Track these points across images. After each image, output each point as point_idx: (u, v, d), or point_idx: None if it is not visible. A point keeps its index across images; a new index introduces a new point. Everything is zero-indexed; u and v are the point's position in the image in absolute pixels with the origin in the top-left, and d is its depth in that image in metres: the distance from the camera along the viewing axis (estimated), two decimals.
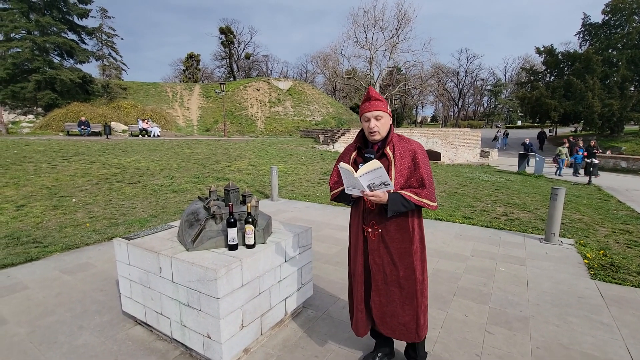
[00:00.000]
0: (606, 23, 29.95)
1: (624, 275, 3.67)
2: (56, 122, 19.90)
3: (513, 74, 65.18)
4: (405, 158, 1.88)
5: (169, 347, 2.41)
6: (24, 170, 8.14)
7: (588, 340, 2.51)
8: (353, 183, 1.75)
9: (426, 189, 1.83)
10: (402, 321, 1.97)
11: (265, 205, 6.77)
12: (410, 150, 1.90)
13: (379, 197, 1.74)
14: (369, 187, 1.73)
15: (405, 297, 1.95)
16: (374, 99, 1.86)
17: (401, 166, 1.87)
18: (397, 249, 1.92)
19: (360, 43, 43.28)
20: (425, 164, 1.88)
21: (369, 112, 1.86)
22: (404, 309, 1.96)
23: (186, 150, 13.09)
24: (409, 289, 1.94)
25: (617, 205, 8.31)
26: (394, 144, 1.91)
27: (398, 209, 1.79)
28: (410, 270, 1.92)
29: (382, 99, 1.88)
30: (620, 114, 26.59)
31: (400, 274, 1.93)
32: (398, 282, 1.95)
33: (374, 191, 1.74)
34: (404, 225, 1.90)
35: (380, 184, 1.71)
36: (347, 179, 1.77)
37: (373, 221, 1.94)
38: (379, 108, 1.85)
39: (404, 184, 1.86)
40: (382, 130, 1.88)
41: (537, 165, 14.32)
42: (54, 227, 5.17)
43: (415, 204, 1.81)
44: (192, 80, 48.24)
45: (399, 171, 1.87)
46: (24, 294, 3.17)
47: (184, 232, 2.38)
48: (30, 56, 22.71)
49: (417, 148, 1.91)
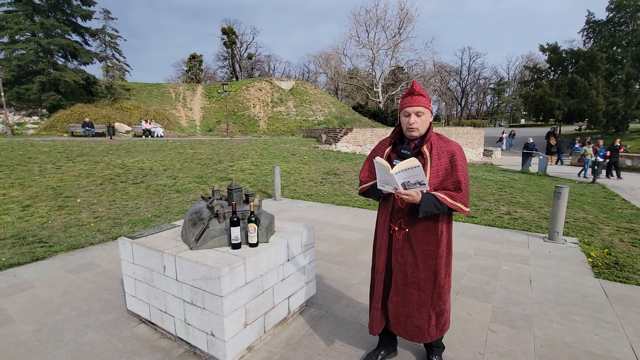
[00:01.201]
0: (610, 20, 29.73)
1: (629, 274, 3.65)
2: (60, 123, 20.06)
3: (516, 72, 64.88)
4: (442, 159, 1.81)
5: (173, 345, 2.43)
6: (29, 171, 8.21)
7: (592, 338, 2.50)
8: (387, 179, 1.69)
9: (462, 192, 1.76)
10: (417, 323, 1.94)
11: (268, 205, 6.79)
12: (448, 150, 1.83)
13: (412, 196, 1.67)
14: (403, 185, 1.67)
15: (424, 299, 1.91)
16: (417, 93, 1.79)
17: (437, 167, 1.81)
18: (421, 251, 1.87)
19: (363, 42, 43.25)
20: (463, 167, 1.81)
21: (410, 107, 1.79)
22: (420, 311, 1.92)
23: (189, 150, 13.15)
24: (427, 292, 1.90)
25: (622, 203, 8.24)
26: (431, 143, 1.84)
27: (430, 210, 1.73)
28: (432, 272, 1.88)
29: (426, 95, 1.81)
30: (625, 112, 26.39)
31: (422, 276, 1.89)
32: (418, 284, 1.90)
33: (408, 190, 1.68)
34: (432, 227, 1.85)
35: (416, 183, 1.65)
36: (381, 175, 1.72)
37: (401, 220, 1.88)
38: (421, 104, 1.78)
39: (438, 186, 1.80)
40: (421, 127, 1.82)
41: (541, 164, 14.25)
42: (59, 227, 5.22)
43: (448, 207, 1.75)
44: (194, 80, 48.41)
45: (434, 172, 1.80)
46: (30, 292, 3.20)
47: (188, 231, 2.40)
48: (35, 58, 22.89)
49: (457, 149, 1.83)
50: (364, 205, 6.93)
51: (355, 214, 6.25)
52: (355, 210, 6.56)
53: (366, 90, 46.39)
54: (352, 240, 4.76)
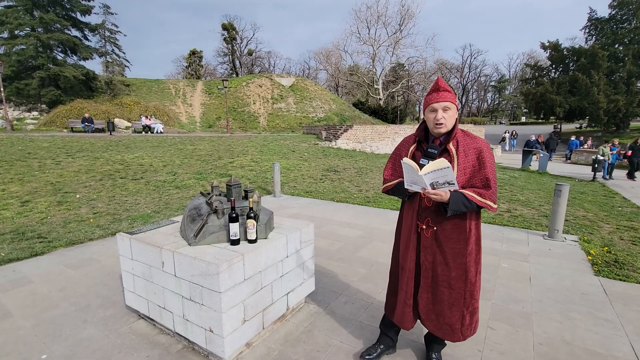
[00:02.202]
0: (613, 17, 29.59)
1: (629, 272, 3.64)
2: (60, 119, 20.01)
3: (517, 69, 64.69)
4: (469, 156, 1.79)
5: (171, 340, 2.42)
6: (28, 167, 8.20)
7: (591, 336, 2.50)
8: (414, 179, 1.68)
9: (491, 190, 1.74)
10: (449, 321, 1.93)
11: (267, 202, 6.78)
12: (475, 148, 1.80)
13: (440, 195, 1.66)
14: (431, 185, 1.66)
15: (455, 298, 1.89)
16: (443, 89, 1.77)
17: (464, 164, 1.78)
18: (451, 249, 1.85)
19: (363, 39, 43.09)
20: (491, 164, 1.77)
21: (436, 103, 1.77)
22: (452, 310, 1.91)
23: (189, 146, 13.12)
24: (459, 290, 1.88)
25: (622, 202, 8.23)
26: (457, 140, 1.81)
27: (459, 209, 1.71)
28: (462, 270, 1.86)
29: (451, 90, 1.80)
30: (626, 110, 26.33)
31: (452, 274, 1.87)
32: (449, 283, 1.89)
33: (436, 189, 1.66)
34: (460, 225, 1.82)
35: (445, 183, 1.63)
36: (409, 175, 1.70)
37: (429, 218, 1.86)
38: (447, 99, 1.76)
39: (465, 183, 1.77)
40: (448, 123, 1.79)
41: (541, 161, 14.22)
42: (59, 222, 5.21)
43: (477, 205, 1.73)
44: (194, 77, 48.25)
45: (461, 169, 1.77)
46: (29, 288, 3.20)
47: (186, 227, 2.39)
48: (34, 53, 22.78)
49: (484, 146, 1.81)
50: (363, 202, 6.93)
51: (355, 211, 6.24)
52: (355, 207, 6.55)
53: (367, 87, 46.25)
54: (352, 237, 4.75)
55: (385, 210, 6.31)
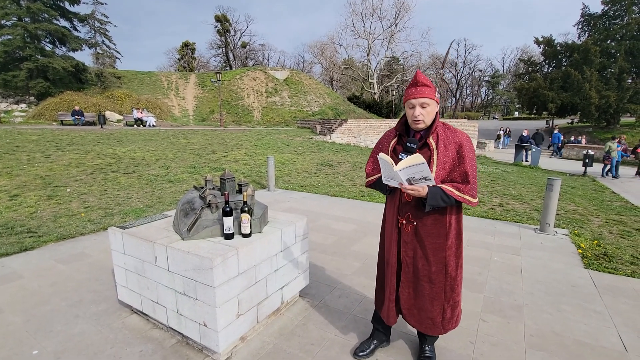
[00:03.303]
0: (605, 13, 29.80)
1: (617, 265, 3.71)
2: (49, 112, 19.59)
3: (511, 65, 64.97)
4: (449, 150, 1.77)
5: (165, 335, 2.41)
6: (17, 160, 8.03)
7: (581, 328, 2.55)
8: (391, 174, 1.67)
9: (470, 185, 1.72)
10: (430, 315, 1.94)
11: (262, 196, 6.75)
12: (456, 141, 1.77)
13: (417, 191, 1.66)
14: (408, 180, 1.65)
15: (436, 292, 1.90)
16: (422, 84, 1.73)
17: (444, 158, 1.76)
18: (431, 244, 1.85)
19: (358, 32, 42.81)
20: (471, 158, 1.76)
21: (414, 99, 1.74)
22: (433, 304, 1.92)
23: (182, 140, 12.97)
24: (440, 284, 1.89)
25: (612, 196, 8.38)
26: (438, 134, 1.79)
27: (437, 203, 1.70)
28: (442, 265, 1.87)
29: (431, 85, 1.75)
30: (617, 106, 26.66)
31: (433, 269, 1.87)
32: (429, 277, 1.89)
33: (413, 185, 1.66)
34: (441, 219, 1.82)
35: (421, 178, 1.62)
36: (386, 170, 1.69)
37: (409, 213, 1.86)
38: (426, 95, 1.72)
39: (445, 178, 1.76)
40: (427, 119, 1.77)
41: (534, 156, 14.38)
42: (49, 217, 5.13)
43: (456, 199, 1.72)
44: (187, 69, 47.53)
45: (441, 163, 1.75)
46: (18, 283, 3.15)
47: (180, 222, 2.36)
48: (22, 43, 22.17)
49: (464, 139, 1.78)
50: (358, 196, 6.94)
51: (349, 205, 6.25)
52: (349, 201, 6.56)
53: (361, 81, 46.08)
54: (346, 231, 4.76)
55: (379, 204, 6.33)
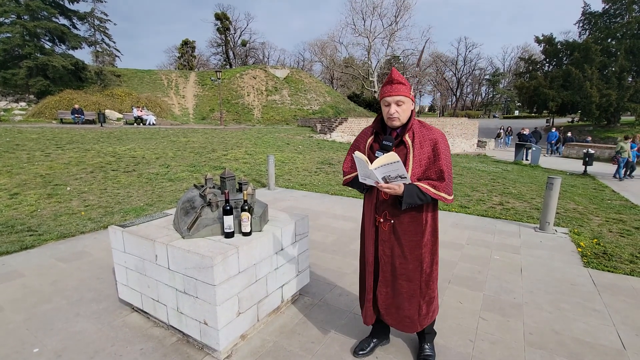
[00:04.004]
0: (606, 12, 29.70)
1: (617, 264, 3.72)
2: (49, 110, 19.60)
3: (512, 63, 64.91)
4: (425, 147, 1.78)
5: (166, 333, 2.42)
6: (17, 159, 8.03)
7: (580, 326, 2.55)
8: (367, 173, 1.68)
9: (445, 182, 1.74)
10: (408, 314, 1.96)
11: (262, 194, 6.75)
12: (431, 139, 1.79)
13: (393, 189, 1.67)
14: (383, 179, 1.66)
15: (413, 290, 1.92)
16: (397, 82, 1.75)
17: (420, 156, 1.78)
18: (408, 241, 1.86)
19: (359, 30, 42.71)
20: (446, 155, 1.78)
21: (389, 97, 1.75)
22: (411, 302, 1.94)
23: (182, 138, 12.97)
24: (416, 281, 1.91)
25: (612, 195, 8.38)
26: (414, 132, 1.81)
27: (413, 201, 1.71)
28: (418, 262, 1.89)
29: (406, 83, 1.77)
30: (617, 105, 26.61)
31: (410, 266, 1.89)
32: (407, 275, 1.91)
33: (389, 183, 1.67)
34: (417, 217, 1.84)
35: (397, 176, 1.63)
36: (362, 169, 1.70)
37: (386, 212, 1.87)
38: (401, 92, 1.74)
39: (421, 175, 1.78)
40: (402, 117, 1.79)
41: (534, 155, 14.38)
42: (49, 215, 5.13)
43: (431, 197, 1.74)
44: (187, 67, 47.48)
45: (417, 161, 1.77)
46: (19, 281, 3.15)
47: (180, 220, 2.36)
48: (21, 42, 22.14)
49: (439, 137, 1.80)
50: (358, 195, 6.94)
51: (349, 203, 6.25)
52: (349, 200, 6.57)
53: (362, 79, 46.02)
54: (346, 229, 4.77)
55: None
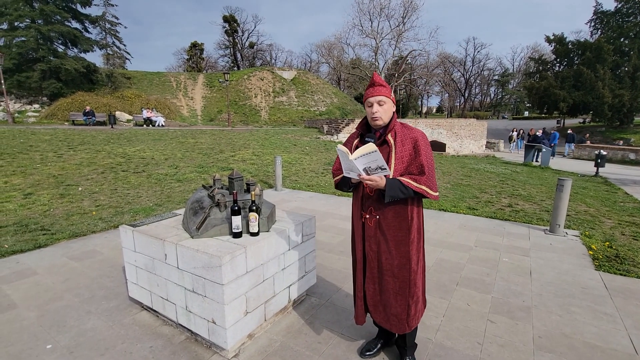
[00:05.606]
0: (619, 11, 29.19)
1: (629, 267, 3.65)
2: (61, 112, 20.01)
3: (521, 63, 64.05)
4: (406, 145, 1.87)
5: (174, 332, 2.45)
6: (30, 159, 8.22)
7: (591, 330, 2.51)
8: (350, 166, 1.76)
9: (425, 176, 1.82)
10: (395, 312, 1.97)
11: (269, 195, 6.79)
12: (411, 137, 1.88)
13: (375, 181, 1.74)
14: (365, 170, 1.74)
15: (400, 287, 1.94)
16: (378, 84, 1.86)
17: (402, 153, 1.86)
18: (393, 237, 1.91)
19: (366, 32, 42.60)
20: (426, 151, 1.86)
21: (372, 97, 1.86)
22: (397, 299, 1.96)
23: (190, 140, 13.11)
24: (403, 279, 1.93)
25: (625, 197, 8.21)
26: (395, 131, 1.90)
27: (396, 194, 1.78)
28: (406, 259, 1.92)
29: (386, 85, 1.88)
30: (630, 105, 26.11)
31: (396, 262, 1.93)
32: (392, 272, 1.94)
33: (371, 175, 1.74)
34: (402, 213, 1.89)
35: (377, 168, 1.71)
36: (344, 162, 1.79)
37: (371, 207, 1.94)
38: (382, 93, 1.84)
39: (404, 171, 1.85)
40: (384, 116, 1.88)
41: (544, 156, 14.17)
42: (61, 215, 5.24)
43: (413, 190, 1.80)
44: (195, 69, 47.99)
45: (399, 158, 1.85)
46: (33, 279, 3.23)
47: (189, 220, 2.40)
48: (35, 45, 22.68)
49: (419, 135, 1.89)
50: None
51: None
52: None
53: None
54: None
55: None
